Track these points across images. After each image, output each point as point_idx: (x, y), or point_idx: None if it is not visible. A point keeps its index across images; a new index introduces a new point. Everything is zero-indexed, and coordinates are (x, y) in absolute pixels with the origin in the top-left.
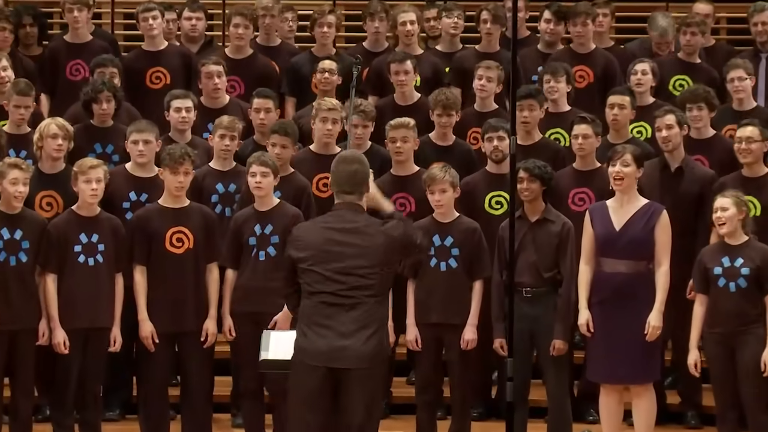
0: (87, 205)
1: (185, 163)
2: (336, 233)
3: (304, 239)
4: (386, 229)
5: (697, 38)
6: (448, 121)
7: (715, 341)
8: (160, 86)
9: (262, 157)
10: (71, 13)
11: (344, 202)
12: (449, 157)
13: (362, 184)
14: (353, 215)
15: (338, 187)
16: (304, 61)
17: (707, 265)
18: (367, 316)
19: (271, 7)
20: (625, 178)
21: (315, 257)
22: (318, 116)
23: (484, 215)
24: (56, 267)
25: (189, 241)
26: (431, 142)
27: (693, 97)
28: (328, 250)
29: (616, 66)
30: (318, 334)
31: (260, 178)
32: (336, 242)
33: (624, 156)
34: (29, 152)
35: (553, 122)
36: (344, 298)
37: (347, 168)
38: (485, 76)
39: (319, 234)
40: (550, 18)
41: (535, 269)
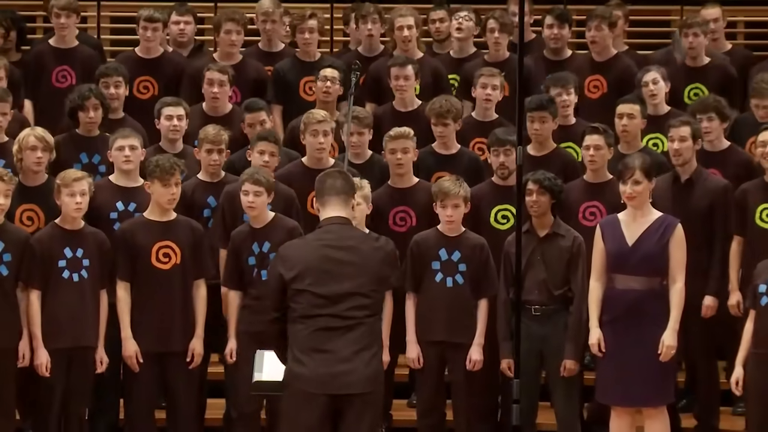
0: (71, 219)
1: (176, 173)
2: (332, 251)
3: (297, 258)
4: (379, 245)
5: (700, 39)
6: (444, 131)
7: (758, 361)
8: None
9: (256, 175)
10: (59, 19)
11: (332, 217)
12: (453, 166)
13: (349, 191)
14: (346, 231)
15: (324, 196)
16: (289, 66)
17: (756, 281)
18: (367, 337)
19: (272, 12)
20: (638, 196)
21: (311, 277)
22: (308, 130)
23: (490, 230)
24: (40, 283)
25: (176, 257)
26: (433, 151)
27: (702, 107)
28: (323, 269)
29: (632, 72)
30: (316, 360)
31: (253, 198)
32: (333, 261)
33: (634, 174)
34: (8, 161)
35: (562, 136)
36: (343, 320)
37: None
38: (490, 84)
39: (313, 252)
40: (553, 23)
41: (544, 286)
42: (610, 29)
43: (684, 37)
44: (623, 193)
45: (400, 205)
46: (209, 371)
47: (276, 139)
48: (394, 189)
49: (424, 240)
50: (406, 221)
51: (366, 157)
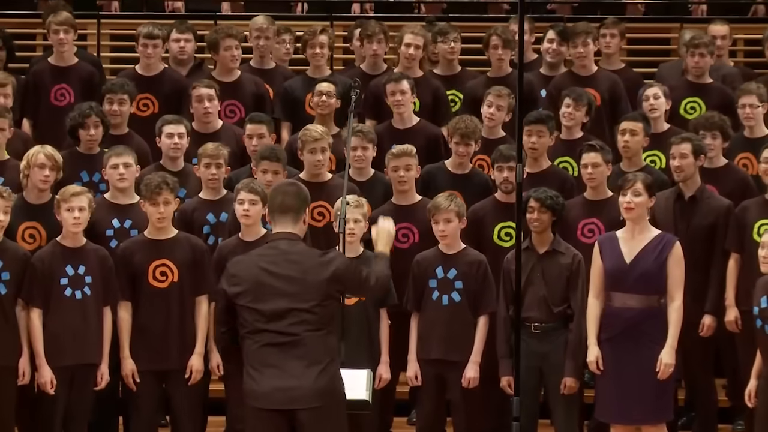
0: (71, 235)
1: (163, 192)
2: (271, 266)
3: (239, 275)
4: (326, 261)
5: (706, 59)
6: (465, 151)
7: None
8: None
9: (251, 184)
10: (57, 35)
11: (280, 232)
12: (465, 186)
13: (303, 203)
14: (289, 246)
15: (273, 212)
16: (298, 84)
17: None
18: (314, 352)
19: (266, 28)
20: (636, 208)
21: (251, 293)
22: (305, 147)
23: (493, 247)
24: (41, 302)
25: (173, 275)
26: (446, 170)
27: (708, 124)
28: (265, 285)
29: (621, 88)
30: (265, 375)
31: (248, 206)
32: (273, 276)
33: (635, 185)
34: (7, 179)
35: (562, 150)
36: (286, 336)
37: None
38: (495, 104)
39: (254, 268)
40: (554, 38)
41: (544, 304)
42: (594, 44)
43: (690, 56)
44: (622, 205)
45: (402, 222)
46: (210, 388)
47: (278, 157)
48: (397, 206)
49: (424, 258)
50: (409, 238)
51: (369, 174)
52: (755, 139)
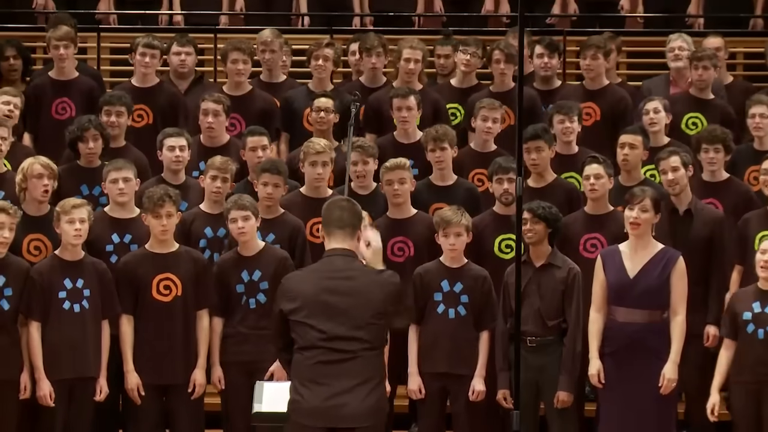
0: (71, 248)
1: (166, 205)
2: (330, 283)
3: (296, 290)
4: (382, 279)
5: (710, 72)
6: (441, 155)
7: (742, 391)
8: (143, 125)
9: (240, 201)
10: (57, 50)
11: (336, 248)
12: (450, 198)
13: (354, 222)
14: (346, 263)
15: (329, 227)
16: (298, 95)
17: (736, 310)
18: (365, 371)
19: (271, 41)
20: (642, 224)
21: (308, 309)
22: (307, 160)
23: (493, 259)
24: (40, 315)
25: (177, 288)
26: (430, 183)
27: (711, 138)
28: (322, 301)
29: (627, 103)
30: (313, 392)
31: (242, 223)
32: (330, 292)
33: (644, 201)
34: (6, 193)
35: (565, 165)
36: (340, 353)
37: (338, 205)
38: (491, 117)
39: (311, 284)
40: (543, 52)
41: (539, 317)
42: (605, 59)
43: (694, 69)
44: (627, 219)
45: (398, 235)
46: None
47: (279, 170)
48: (392, 220)
49: (427, 271)
50: (404, 252)
51: (371, 188)
52: (764, 152)
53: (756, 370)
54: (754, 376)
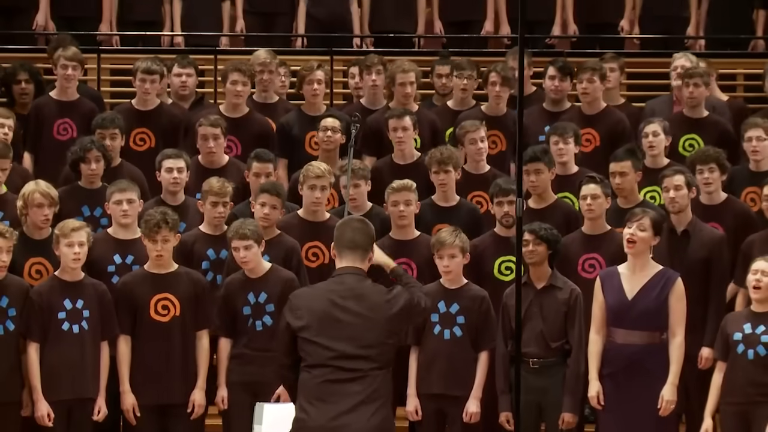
0: (70, 270)
1: (162, 231)
2: (339, 300)
3: (304, 307)
4: (392, 298)
5: (701, 90)
6: (445, 178)
7: (731, 412)
8: (145, 148)
9: (241, 230)
10: (65, 70)
11: (346, 267)
12: (453, 218)
13: (366, 244)
14: (357, 281)
15: (340, 247)
16: (294, 120)
17: (728, 332)
18: (371, 390)
19: (269, 62)
20: (638, 243)
21: (316, 327)
22: (306, 183)
23: (493, 281)
24: (39, 335)
25: (175, 309)
26: (433, 203)
27: (704, 158)
28: (331, 319)
29: (624, 125)
30: (319, 410)
31: (244, 253)
32: (339, 311)
33: (642, 220)
34: (6, 214)
35: (561, 185)
36: (347, 372)
37: (351, 226)
38: (477, 137)
39: (320, 302)
40: (555, 74)
41: (542, 339)
42: (601, 81)
43: (685, 87)
44: (624, 236)
45: (401, 257)
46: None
47: (278, 192)
48: (396, 241)
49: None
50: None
51: (366, 209)
52: (761, 173)
53: (746, 390)
54: (744, 396)
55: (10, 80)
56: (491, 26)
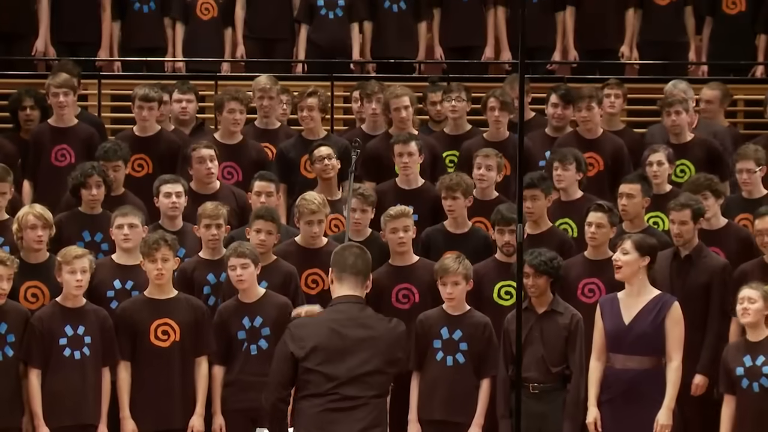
0: (72, 296)
1: (161, 248)
2: (341, 329)
3: (307, 336)
4: (393, 326)
5: (682, 117)
6: (453, 204)
7: None
8: (143, 174)
9: (239, 249)
10: (57, 98)
11: (346, 296)
12: (464, 245)
13: (367, 270)
14: (358, 310)
15: (341, 272)
16: (292, 145)
17: (729, 365)
18: (372, 418)
19: (269, 88)
20: (624, 267)
21: (321, 357)
22: (302, 219)
23: (493, 306)
24: (40, 362)
25: (175, 334)
26: (445, 230)
27: (695, 187)
28: (334, 348)
29: (624, 151)
30: None
31: (240, 271)
32: (342, 339)
33: (623, 243)
34: (6, 239)
35: (562, 211)
36: (349, 400)
37: (352, 252)
38: (484, 164)
39: (323, 331)
40: (557, 102)
41: (542, 364)
42: (599, 107)
43: (666, 115)
44: (613, 261)
45: (402, 283)
46: None
47: (273, 217)
48: (396, 267)
49: (428, 318)
50: (409, 298)
51: (366, 234)
52: (754, 200)
53: (757, 422)
54: (756, 429)
55: (15, 106)
56: (492, 52)
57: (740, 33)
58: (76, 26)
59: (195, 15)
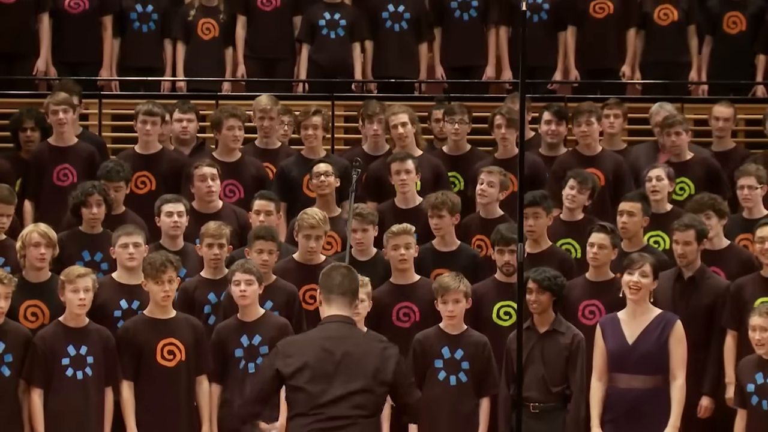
0: (75, 316)
1: (168, 270)
2: (330, 347)
3: (295, 354)
4: (383, 347)
5: (682, 138)
6: (439, 223)
7: None
8: (145, 191)
9: (246, 265)
10: (56, 116)
11: (335, 315)
12: (452, 263)
13: (355, 290)
14: (347, 330)
15: (329, 293)
16: (293, 164)
17: (742, 381)
18: None
19: (270, 109)
20: (642, 289)
21: (308, 375)
22: (301, 232)
23: (492, 326)
24: (43, 381)
25: (181, 353)
26: (433, 248)
27: (699, 206)
28: (322, 366)
29: (625, 169)
30: None
31: (245, 287)
32: (332, 359)
33: (643, 267)
34: (8, 260)
35: (564, 231)
36: (337, 420)
37: (339, 272)
38: (486, 180)
39: (311, 349)
40: (551, 119)
41: (543, 383)
42: (598, 123)
43: (666, 136)
44: (627, 284)
45: (403, 301)
46: None
47: (273, 237)
48: (397, 285)
49: (426, 338)
50: (410, 317)
51: (371, 254)
52: (755, 220)
53: None
54: None
55: (16, 127)
56: (493, 71)
57: (740, 52)
58: (76, 46)
59: (196, 35)
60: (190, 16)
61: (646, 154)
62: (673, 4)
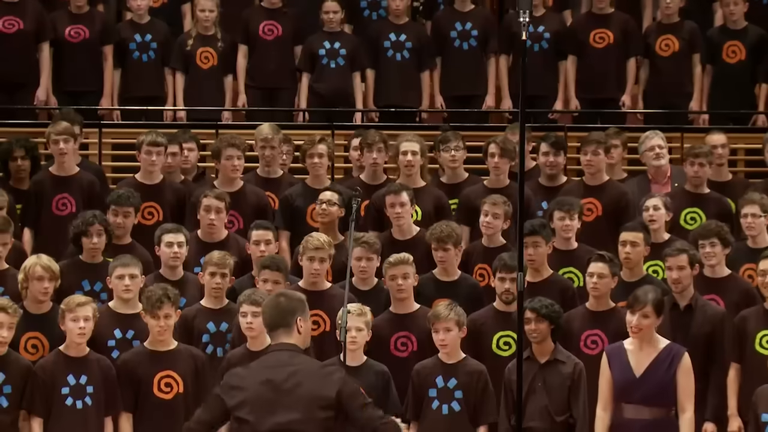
0: (75, 345)
1: (164, 306)
2: (272, 377)
3: (238, 386)
4: (326, 372)
5: (705, 169)
6: (444, 256)
7: None
8: (153, 222)
9: (253, 296)
10: (57, 145)
11: (280, 344)
12: (453, 293)
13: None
14: (290, 357)
15: (266, 326)
16: (298, 193)
17: (757, 411)
18: None
19: (272, 138)
20: (644, 330)
21: (249, 406)
22: (305, 254)
23: (492, 356)
24: (43, 410)
25: (178, 386)
26: (434, 278)
27: (705, 232)
28: (264, 396)
29: (628, 199)
30: None
31: (251, 319)
32: (272, 387)
33: (645, 308)
34: (7, 289)
35: (563, 261)
36: None
37: (268, 305)
38: (491, 212)
39: (254, 379)
40: (548, 150)
41: (546, 413)
42: (605, 154)
43: (690, 165)
44: (629, 323)
45: (401, 330)
46: None
47: (279, 266)
48: (395, 315)
49: (424, 367)
50: (407, 347)
51: (373, 284)
52: (758, 249)
53: None
54: None
55: (6, 156)
56: (492, 101)
57: (740, 82)
58: (77, 75)
59: (195, 64)
60: (188, 46)
61: (641, 188)
62: (675, 34)
